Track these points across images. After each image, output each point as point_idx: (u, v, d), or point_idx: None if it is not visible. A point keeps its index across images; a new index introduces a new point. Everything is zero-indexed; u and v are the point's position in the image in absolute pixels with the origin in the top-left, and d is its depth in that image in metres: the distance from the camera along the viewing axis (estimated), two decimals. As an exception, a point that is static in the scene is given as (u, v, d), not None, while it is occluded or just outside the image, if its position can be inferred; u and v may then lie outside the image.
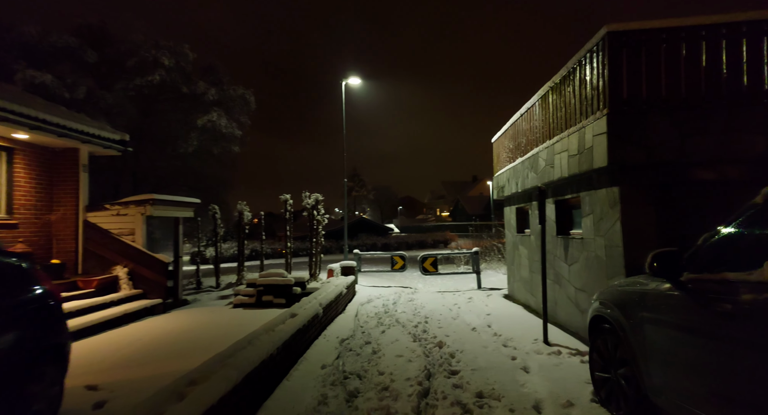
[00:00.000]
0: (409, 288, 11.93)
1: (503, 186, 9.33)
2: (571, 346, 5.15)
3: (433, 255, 11.51)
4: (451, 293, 10.53)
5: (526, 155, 7.46)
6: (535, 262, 7.72)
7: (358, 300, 9.97)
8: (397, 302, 9.54)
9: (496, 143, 10.08)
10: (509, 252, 9.75)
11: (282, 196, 11.05)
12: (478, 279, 11.04)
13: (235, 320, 7.31)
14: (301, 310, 6.03)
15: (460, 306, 8.62)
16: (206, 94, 19.20)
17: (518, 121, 8.01)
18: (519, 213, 9.00)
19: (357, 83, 14.06)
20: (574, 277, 5.85)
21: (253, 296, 8.69)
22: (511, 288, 9.54)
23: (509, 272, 9.78)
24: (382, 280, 14.27)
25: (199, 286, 11.29)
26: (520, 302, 8.65)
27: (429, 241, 40.55)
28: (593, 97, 4.76)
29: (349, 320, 7.65)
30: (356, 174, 73.57)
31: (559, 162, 5.84)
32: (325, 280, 10.59)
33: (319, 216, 11.08)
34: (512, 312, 7.68)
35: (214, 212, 11.53)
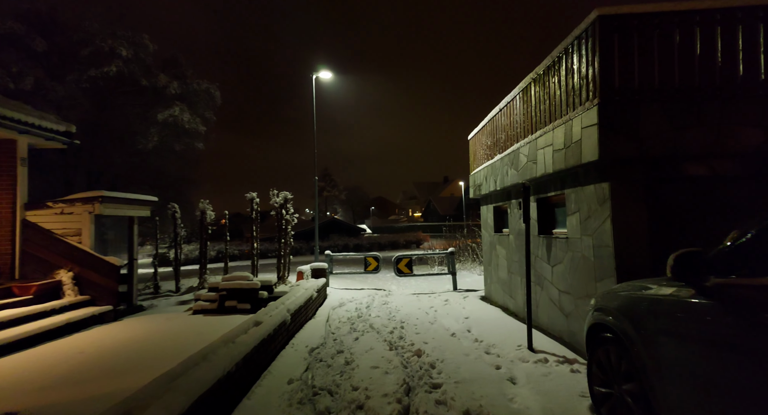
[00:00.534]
0: (382, 290, 11.50)
1: (480, 184, 9.04)
2: (558, 353, 4.83)
3: (407, 256, 11.14)
4: (427, 295, 10.17)
5: (506, 152, 7.16)
6: (514, 262, 7.44)
7: (329, 304, 9.47)
8: (370, 306, 9.09)
9: (472, 141, 9.80)
10: (486, 252, 9.48)
11: (248, 195, 10.41)
12: (454, 280, 10.73)
13: (193, 329, 6.68)
14: (267, 317, 5.49)
15: (437, 309, 8.26)
16: (168, 88, 18.18)
17: (497, 116, 7.72)
18: (497, 212, 8.73)
19: (328, 77, 13.52)
20: (558, 278, 5.57)
21: (215, 302, 8.04)
22: (488, 290, 9.26)
23: (486, 273, 9.50)
24: (354, 282, 13.78)
25: (157, 290, 10.50)
26: (498, 304, 8.37)
27: (401, 241, 40.43)
28: (581, 87, 4.46)
29: (319, 325, 7.14)
30: (327, 174, 72.69)
31: (543, 157, 5.55)
32: (295, 283, 10.03)
33: (288, 215, 10.50)
34: (491, 315, 7.36)
35: (174, 210, 10.76)
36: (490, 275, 9.07)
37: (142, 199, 8.84)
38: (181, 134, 18.26)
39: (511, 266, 7.64)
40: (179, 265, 10.86)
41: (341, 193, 73.76)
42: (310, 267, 10.97)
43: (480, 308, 8.10)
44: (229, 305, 7.87)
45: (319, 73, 13.39)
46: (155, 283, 10.53)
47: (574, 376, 4.06)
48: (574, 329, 5.12)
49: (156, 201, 9.25)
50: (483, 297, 9.45)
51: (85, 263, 7.64)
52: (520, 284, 7.12)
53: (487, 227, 9.26)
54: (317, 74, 13.38)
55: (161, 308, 8.88)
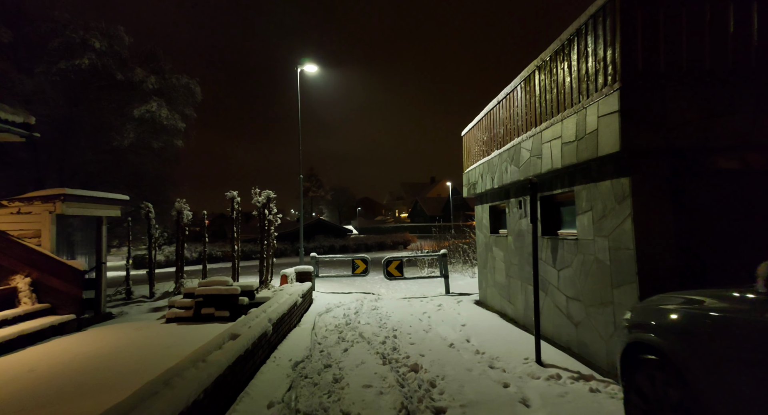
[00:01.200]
0: (371, 294, 10.97)
1: (475, 182, 8.57)
2: (570, 367, 4.37)
3: (398, 258, 10.62)
4: (418, 299, 9.66)
5: (505, 147, 6.70)
6: (513, 266, 6.98)
7: (315, 309, 8.89)
8: (359, 312, 8.55)
9: (466, 137, 9.33)
10: (481, 254, 9.01)
11: (228, 193, 9.78)
12: (446, 284, 10.25)
13: (164, 340, 6.04)
14: (245, 328, 4.91)
15: (431, 316, 7.75)
16: (145, 83, 17.29)
17: (495, 109, 7.26)
18: (493, 212, 8.27)
19: (313, 71, 12.91)
20: (565, 284, 5.11)
21: (190, 309, 7.41)
22: (483, 294, 8.80)
23: (481, 276, 9.04)
24: (341, 285, 13.22)
25: (129, 296, 9.78)
26: (495, 310, 7.91)
27: (388, 242, 40.08)
28: (598, 71, 4.00)
29: (305, 335, 6.57)
30: (313, 174, 71.82)
31: (549, 152, 5.08)
32: (278, 288, 9.43)
33: (270, 215, 9.89)
34: (489, 322, 6.88)
35: (147, 210, 10.05)
36: (486, 279, 8.61)
37: (110, 197, 8.14)
38: (159, 131, 17.41)
39: (509, 270, 7.18)
40: (154, 268, 10.16)
41: (327, 194, 72.95)
42: (294, 270, 10.38)
43: (476, 314, 7.62)
44: (206, 312, 7.24)
45: (304, 67, 12.78)
46: (127, 288, 9.81)
47: (595, 397, 3.58)
48: (584, 339, 4.66)
49: (127, 200, 8.55)
50: (478, 302, 8.99)
51: (44, 267, 6.93)
52: (521, 289, 6.66)
53: (482, 228, 8.80)
54: (302, 68, 12.77)
55: (132, 315, 8.20)
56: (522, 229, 6.54)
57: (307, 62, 12.62)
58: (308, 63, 12.66)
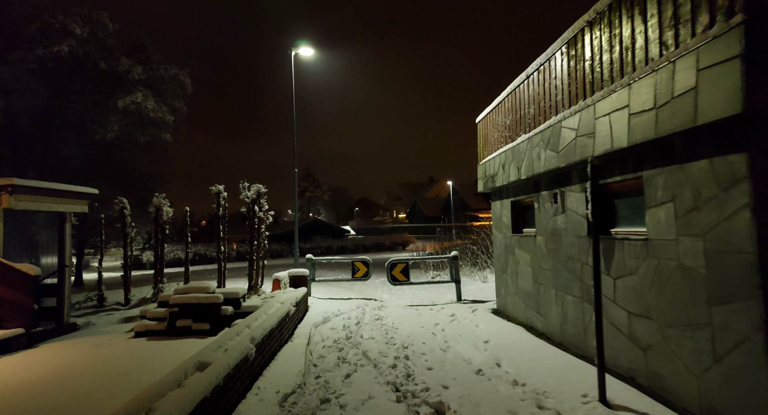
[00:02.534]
0: (373, 300, 9.88)
1: (494, 175, 7.50)
2: (649, 410, 3.28)
3: (403, 261, 9.51)
4: (427, 307, 8.57)
5: (537, 129, 5.63)
6: (544, 271, 5.90)
7: (311, 319, 7.81)
8: (361, 322, 7.47)
9: (482, 123, 8.26)
10: (499, 257, 7.93)
11: (213, 188, 8.68)
12: (458, 290, 9.16)
13: (124, 363, 4.93)
14: (219, 354, 3.82)
15: (444, 328, 6.68)
16: (131, 73, 16.12)
17: (522, 86, 6.19)
18: (516, 208, 7.20)
19: (309, 54, 11.79)
20: (626, 296, 4.04)
21: (164, 320, 6.30)
22: (503, 302, 7.72)
23: (499, 282, 7.96)
24: (340, 290, 12.13)
25: (102, 303, 8.66)
26: (519, 321, 6.84)
27: (387, 243, 39.18)
28: (698, 7, 2.93)
29: (298, 353, 5.48)
30: (310, 174, 70.66)
31: (607, 127, 4.01)
32: (269, 294, 8.33)
33: (261, 213, 8.80)
34: (517, 338, 5.80)
35: (122, 206, 8.93)
36: (506, 285, 7.54)
37: (74, 190, 7.02)
38: (146, 124, 16.23)
39: (538, 275, 6.11)
40: (129, 271, 9.03)
41: (324, 194, 71.75)
42: (288, 274, 9.28)
43: (498, 327, 6.55)
44: (182, 325, 6.13)
45: (299, 50, 11.65)
46: (99, 294, 8.69)
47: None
48: (659, 369, 3.59)
49: (95, 194, 7.44)
50: (495, 311, 7.91)
51: (-14, 272, 5.81)
52: (555, 299, 5.59)
53: (502, 227, 7.73)
54: (297, 51, 11.65)
55: (99, 327, 7.09)
56: (558, 227, 5.47)
57: (303, 45, 11.52)
58: (303, 46, 11.55)
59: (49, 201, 6.62)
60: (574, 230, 5.06)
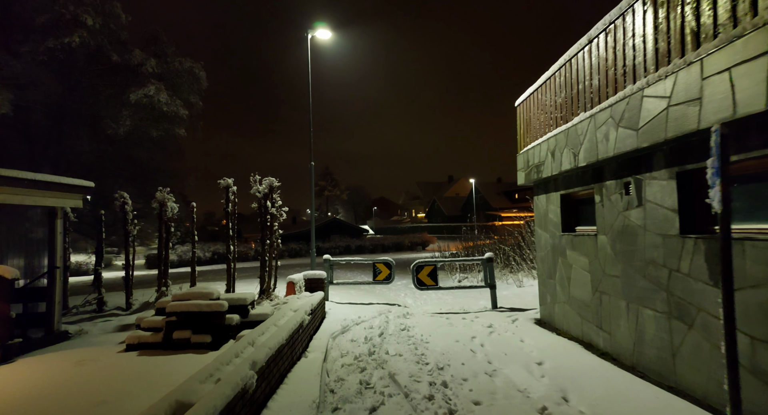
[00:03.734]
0: (396, 306, 8.94)
1: (539, 164, 6.46)
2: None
3: (430, 263, 8.52)
4: (459, 315, 7.59)
5: (604, 104, 4.60)
6: (610, 278, 4.86)
7: (328, 328, 6.92)
8: (385, 333, 6.54)
9: (523, 107, 7.22)
10: (544, 260, 6.89)
11: (222, 181, 7.88)
12: (493, 296, 8.13)
13: (103, 387, 4.10)
14: (209, 386, 2.94)
15: (484, 343, 5.69)
16: (144, 66, 15.57)
17: (580, 56, 5.16)
18: (568, 202, 6.16)
19: (326, 37, 10.90)
20: (749, 315, 3.00)
21: (160, 331, 5.49)
22: (548, 312, 6.68)
23: (543, 289, 6.92)
24: (360, 293, 11.23)
25: (101, 307, 7.95)
26: (571, 336, 5.80)
27: (406, 243, 38.29)
28: None
29: (312, 374, 4.57)
30: (328, 173, 70.22)
31: (727, 88, 2.98)
32: (282, 299, 7.48)
33: (273, 209, 7.95)
34: (576, 359, 4.78)
35: (123, 201, 8.20)
36: (553, 292, 6.50)
37: (65, 183, 6.28)
38: (159, 118, 15.67)
39: (600, 283, 5.07)
40: (131, 273, 8.30)
41: (343, 193, 71.18)
42: (303, 276, 8.42)
43: (548, 344, 5.53)
44: (180, 337, 5.30)
45: (315, 32, 10.79)
46: (99, 297, 7.98)
47: None
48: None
49: (90, 187, 6.70)
50: (539, 322, 6.88)
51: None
52: (626, 312, 4.55)
53: (548, 225, 6.69)
54: (314, 33, 10.79)
55: (92, 336, 6.33)
56: (630, 224, 4.43)
57: (320, 27, 10.66)
58: (321, 28, 10.69)
59: (35, 194, 5.89)
60: (656, 227, 4.02)
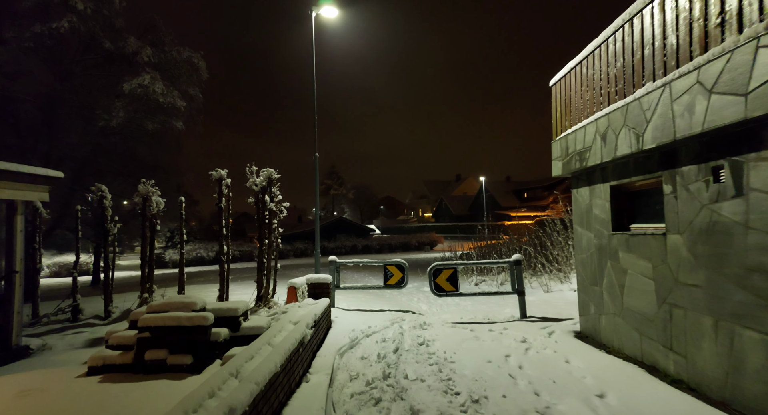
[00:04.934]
0: (410, 313, 8.00)
1: (584, 150, 5.46)
2: None
3: (450, 266, 7.51)
4: (483, 325, 6.61)
5: (683, 69, 3.60)
6: (685, 287, 3.86)
7: (334, 341, 5.99)
8: (400, 348, 5.60)
9: (560, 85, 6.22)
10: (586, 263, 5.89)
11: (214, 173, 6.96)
12: (522, 304, 7.13)
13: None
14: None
15: (522, 364, 4.72)
16: (140, 55, 14.70)
17: (645, 13, 4.16)
18: (621, 195, 5.16)
19: (333, 16, 9.94)
20: None
21: (131, 349, 4.56)
22: (592, 324, 5.68)
23: (585, 296, 5.93)
24: (369, 297, 10.30)
25: (76, 316, 7.04)
26: (624, 354, 4.82)
27: (413, 242, 37.46)
28: None
29: (314, 408, 3.62)
30: (334, 172, 69.30)
31: None
32: (282, 307, 6.54)
33: (273, 204, 7.02)
34: (644, 387, 3.79)
35: (101, 194, 7.29)
36: (599, 302, 5.50)
37: (25, 172, 5.35)
38: (155, 110, 14.78)
39: (670, 293, 4.07)
40: (110, 277, 7.35)
41: (349, 192, 70.24)
42: (306, 280, 7.47)
43: (601, 365, 4.54)
44: (153, 357, 4.36)
45: (320, 10, 9.81)
46: (73, 305, 7.07)
47: None
48: None
49: (59, 178, 5.78)
50: (579, 334, 5.89)
51: None
52: (713, 331, 3.55)
53: (592, 222, 5.68)
54: (318, 11, 9.82)
55: (56, 352, 5.42)
56: (723, 220, 3.43)
57: (326, 4, 9.68)
58: (326, 5, 9.70)
59: (-11, 185, 4.98)
60: (767, 224, 3.03)
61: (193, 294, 5.01)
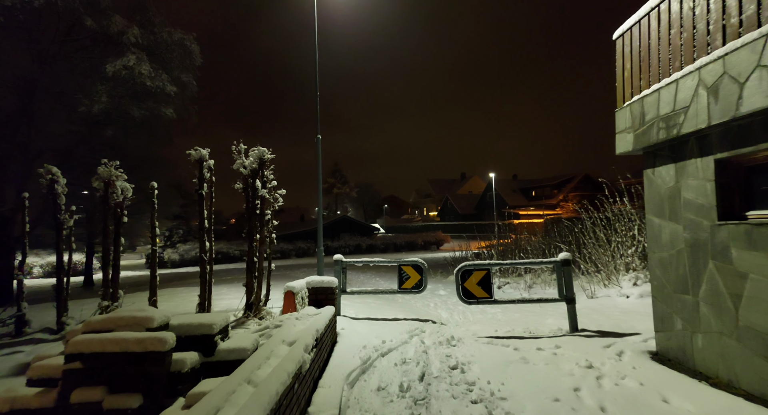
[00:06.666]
0: (430, 323, 6.71)
1: (673, 115, 4.11)
2: None
3: (482, 267, 6.12)
4: (525, 341, 5.26)
5: None
6: None
7: (341, 361, 4.69)
8: (427, 374, 4.31)
9: (632, 34, 4.86)
10: (670, 264, 4.53)
11: (193, 152, 5.66)
12: (573, 315, 5.77)
13: None
14: None
15: (605, 405, 3.40)
16: (126, 35, 13.44)
17: None
18: (730, 172, 3.81)
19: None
20: None
21: (56, 384, 3.24)
22: (679, 343, 4.33)
23: (667, 307, 4.57)
24: (378, 302, 8.99)
25: (20, 329, 5.73)
26: (740, 388, 3.47)
27: (419, 242, 36.35)
28: None
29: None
30: (338, 170, 67.99)
31: None
32: (277, 318, 5.23)
33: (264, 190, 5.70)
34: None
35: (52, 178, 5.95)
36: (692, 315, 4.14)
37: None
38: (142, 95, 13.48)
39: None
40: (63, 280, 5.96)
41: (352, 191, 68.90)
42: (306, 284, 6.13)
43: (715, 408, 3.19)
44: (83, 400, 3.03)
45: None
46: (18, 315, 5.75)
47: None
48: None
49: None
50: (657, 356, 4.55)
51: None
52: None
53: (679, 210, 4.34)
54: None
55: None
56: None
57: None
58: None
59: None
60: None
61: (150, 307, 3.70)
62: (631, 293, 7.07)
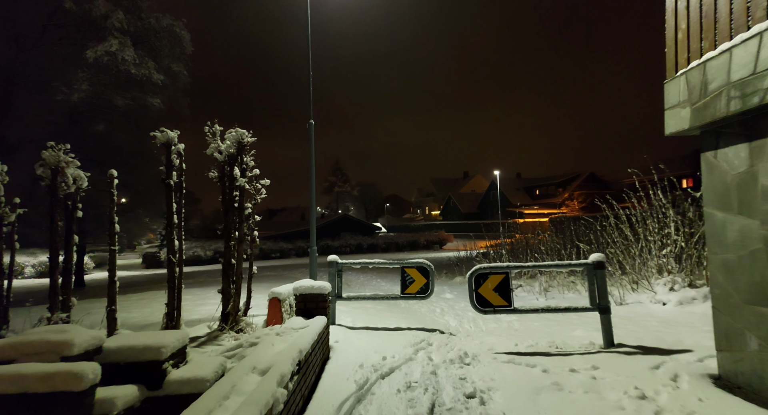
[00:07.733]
0: (437, 333, 5.85)
1: (749, 80, 3.22)
2: None
3: (499, 270, 5.20)
4: (554, 359, 4.38)
5: None
6: None
7: (333, 385, 3.84)
8: (438, 405, 3.46)
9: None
10: (736, 268, 3.65)
11: (159, 135, 4.81)
12: (607, 327, 4.86)
13: None
14: None
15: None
16: (110, 19, 12.60)
17: None
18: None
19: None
20: None
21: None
22: (752, 366, 3.45)
23: (734, 320, 3.68)
24: (378, 307, 8.13)
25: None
26: None
27: (422, 241, 35.57)
28: None
29: None
30: (338, 168, 67.12)
31: None
32: (256, 332, 4.35)
33: (244, 179, 4.82)
34: None
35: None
36: (775, 332, 3.25)
37: None
38: (126, 84, 12.62)
39: None
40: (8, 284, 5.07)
41: (354, 189, 67.99)
42: (294, 290, 5.23)
43: None
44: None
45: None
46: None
47: None
48: None
49: None
50: (720, 380, 3.65)
51: None
52: None
53: (753, 202, 3.45)
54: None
55: None
56: None
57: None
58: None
59: None
60: None
61: (75, 326, 2.83)
62: (668, 299, 6.18)
